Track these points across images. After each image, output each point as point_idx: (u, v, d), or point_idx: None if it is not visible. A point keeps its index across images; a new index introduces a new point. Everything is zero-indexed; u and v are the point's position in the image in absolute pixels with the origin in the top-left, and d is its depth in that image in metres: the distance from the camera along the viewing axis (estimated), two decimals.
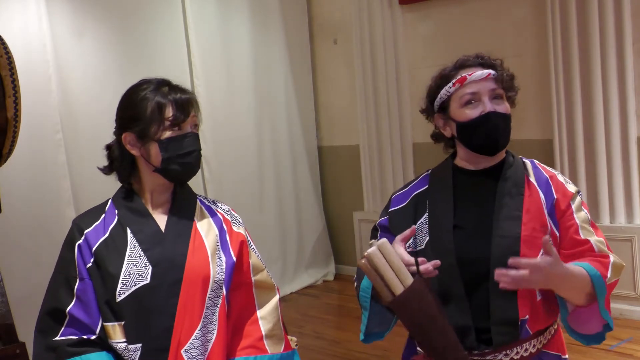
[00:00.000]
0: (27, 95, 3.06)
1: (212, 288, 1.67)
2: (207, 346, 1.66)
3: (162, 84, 1.70)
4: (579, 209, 1.72)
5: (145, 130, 1.66)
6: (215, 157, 4.93)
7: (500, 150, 1.74)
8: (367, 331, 1.75)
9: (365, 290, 1.70)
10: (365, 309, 1.73)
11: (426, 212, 1.77)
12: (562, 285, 1.59)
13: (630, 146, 4.12)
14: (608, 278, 1.63)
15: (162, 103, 1.65)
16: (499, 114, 1.69)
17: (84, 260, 1.65)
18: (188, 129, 1.69)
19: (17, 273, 3.49)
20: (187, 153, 1.67)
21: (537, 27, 4.48)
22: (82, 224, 1.70)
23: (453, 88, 1.72)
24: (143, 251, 1.65)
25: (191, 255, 1.67)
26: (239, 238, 1.77)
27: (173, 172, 1.68)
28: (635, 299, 4.06)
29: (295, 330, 4.14)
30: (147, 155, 1.67)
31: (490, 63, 1.73)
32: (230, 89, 5.06)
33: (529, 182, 1.73)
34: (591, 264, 1.63)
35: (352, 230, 5.61)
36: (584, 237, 1.68)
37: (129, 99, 1.71)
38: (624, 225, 4.15)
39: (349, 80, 5.56)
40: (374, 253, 1.54)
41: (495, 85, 1.70)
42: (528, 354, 1.69)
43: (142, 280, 1.62)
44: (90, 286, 1.63)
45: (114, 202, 1.74)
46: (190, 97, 1.70)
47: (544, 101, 4.43)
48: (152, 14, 4.58)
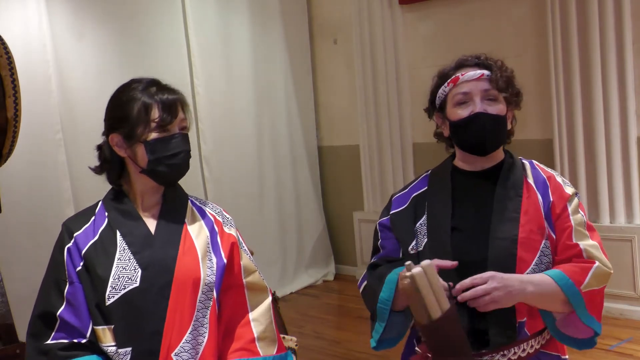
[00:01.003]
0: (27, 95, 3.06)
1: (203, 291, 1.65)
2: (198, 349, 1.63)
3: (150, 84, 1.68)
4: (576, 211, 1.71)
5: (132, 132, 1.63)
6: (215, 157, 4.94)
7: (490, 151, 1.74)
8: (380, 339, 1.74)
9: (385, 302, 1.69)
10: (382, 321, 1.72)
11: (425, 214, 1.78)
12: (532, 298, 1.60)
13: (630, 146, 4.12)
14: (584, 284, 1.62)
15: (149, 104, 1.63)
16: (487, 114, 1.68)
17: (74, 263, 1.63)
18: (176, 130, 1.66)
19: (17, 273, 3.49)
20: (173, 154, 1.64)
21: (537, 27, 4.48)
22: (72, 226, 1.68)
23: (448, 88, 1.74)
24: (132, 254, 1.63)
25: (181, 258, 1.64)
26: (230, 240, 1.75)
27: (160, 174, 1.66)
28: (635, 299, 4.06)
29: (295, 330, 4.14)
30: (134, 156, 1.65)
31: (486, 64, 1.73)
32: (230, 88, 5.07)
33: (528, 183, 1.73)
34: (568, 270, 1.62)
35: (352, 230, 5.61)
36: (575, 241, 1.67)
37: (116, 100, 1.69)
38: (624, 225, 4.14)
39: (349, 80, 5.56)
40: (420, 275, 1.51)
41: (488, 86, 1.70)
42: (525, 354, 1.69)
43: (132, 283, 1.60)
44: (80, 290, 1.62)
45: (104, 204, 1.73)
46: (178, 98, 1.67)
47: (544, 101, 4.42)
48: (152, 14, 4.58)
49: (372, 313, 1.77)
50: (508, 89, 1.72)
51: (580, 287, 1.61)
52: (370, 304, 1.76)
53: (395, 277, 1.69)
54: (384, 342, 1.77)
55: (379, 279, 1.74)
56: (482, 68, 1.72)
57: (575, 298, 1.61)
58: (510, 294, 1.55)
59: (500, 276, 1.56)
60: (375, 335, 1.75)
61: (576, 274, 1.62)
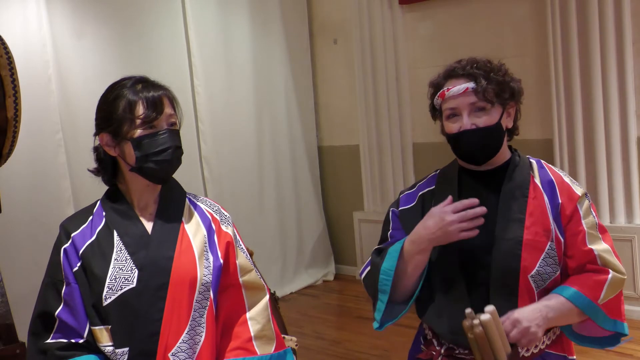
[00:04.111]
0: (27, 95, 3.06)
1: (200, 291, 1.65)
2: (195, 349, 1.64)
3: (137, 81, 1.67)
4: (588, 213, 1.71)
5: (118, 129, 1.63)
6: (215, 157, 4.93)
7: (483, 162, 1.74)
8: (382, 319, 1.75)
9: (387, 272, 1.69)
10: (384, 293, 1.71)
11: None
12: (557, 322, 1.66)
13: (630, 146, 4.12)
14: (601, 298, 1.65)
15: (133, 101, 1.62)
16: (474, 131, 1.68)
17: (71, 264, 1.63)
18: (163, 126, 1.65)
19: (17, 273, 3.49)
20: (161, 151, 1.63)
21: (537, 27, 4.48)
22: (69, 227, 1.69)
23: (439, 100, 1.75)
24: (129, 254, 1.63)
25: (178, 258, 1.64)
26: (225, 239, 1.74)
27: (149, 171, 1.64)
28: (635, 299, 4.06)
29: (295, 330, 4.14)
30: (123, 154, 1.66)
31: (471, 73, 1.70)
32: (230, 89, 5.06)
33: (534, 183, 1.73)
34: (584, 286, 1.65)
35: (352, 230, 5.61)
36: (589, 246, 1.67)
37: (104, 99, 1.69)
38: (624, 225, 4.14)
39: (349, 80, 5.56)
40: (490, 323, 1.52)
41: (475, 99, 1.68)
42: (530, 354, 1.69)
43: (128, 284, 1.60)
44: (77, 290, 1.62)
45: (102, 204, 1.73)
46: (164, 94, 1.66)
47: (544, 101, 4.42)
48: (152, 14, 4.57)
49: (374, 296, 1.77)
50: (499, 95, 1.70)
51: (598, 301, 1.65)
52: (372, 283, 1.76)
53: (397, 246, 1.71)
54: (385, 323, 1.77)
55: (381, 256, 1.76)
56: (468, 79, 1.69)
57: (594, 312, 1.65)
58: (535, 335, 1.59)
59: (520, 319, 1.58)
60: (377, 315, 1.75)
61: (592, 289, 1.65)
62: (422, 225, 1.69)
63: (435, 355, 1.74)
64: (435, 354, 1.74)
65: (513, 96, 1.75)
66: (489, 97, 1.68)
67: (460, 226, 1.63)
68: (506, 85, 1.72)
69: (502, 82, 1.71)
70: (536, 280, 1.65)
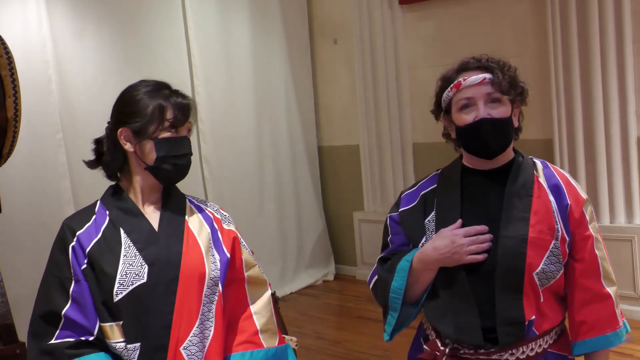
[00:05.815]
0: (27, 95, 3.06)
1: (208, 285, 1.69)
2: (205, 343, 1.67)
3: (162, 86, 1.73)
4: (592, 218, 1.74)
5: (144, 128, 1.67)
6: (215, 157, 4.94)
7: (496, 154, 1.74)
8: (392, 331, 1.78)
9: (397, 292, 1.73)
10: (395, 311, 1.75)
11: (434, 211, 1.79)
12: None
13: (630, 146, 4.12)
14: (619, 321, 1.82)
15: (164, 105, 1.68)
16: (491, 120, 1.68)
17: (79, 262, 1.64)
18: (184, 133, 1.72)
19: (17, 273, 3.49)
20: (181, 155, 1.70)
21: (537, 27, 4.48)
22: (74, 225, 1.70)
23: (451, 92, 1.74)
24: (138, 251, 1.66)
25: (186, 254, 1.68)
26: (230, 235, 1.79)
27: (164, 172, 1.69)
28: (635, 299, 4.06)
29: (295, 330, 4.14)
30: (141, 152, 1.69)
31: (488, 66, 1.72)
32: (230, 88, 5.06)
33: (539, 183, 1.73)
34: (603, 328, 1.77)
35: (352, 230, 5.62)
36: (596, 252, 1.73)
37: (129, 96, 1.72)
38: (624, 225, 4.15)
39: (349, 80, 5.56)
40: None
41: (491, 90, 1.69)
42: (534, 353, 1.70)
43: (139, 279, 1.63)
44: (87, 288, 1.63)
45: (103, 203, 1.74)
46: (190, 103, 1.74)
47: (544, 101, 4.43)
48: (153, 14, 4.58)
49: (384, 307, 1.79)
50: (511, 89, 1.71)
51: (619, 327, 1.81)
52: (382, 296, 1.79)
53: (406, 264, 1.73)
54: (394, 334, 1.80)
55: (389, 270, 1.77)
56: (484, 71, 1.71)
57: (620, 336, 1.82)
58: None
59: None
60: (387, 328, 1.79)
61: (609, 322, 1.79)
62: (432, 245, 1.71)
63: (439, 355, 1.73)
64: (439, 354, 1.74)
65: (522, 94, 1.76)
66: (504, 89, 1.70)
67: (469, 249, 1.67)
68: (517, 83, 1.74)
69: (514, 78, 1.73)
70: (541, 278, 1.66)
